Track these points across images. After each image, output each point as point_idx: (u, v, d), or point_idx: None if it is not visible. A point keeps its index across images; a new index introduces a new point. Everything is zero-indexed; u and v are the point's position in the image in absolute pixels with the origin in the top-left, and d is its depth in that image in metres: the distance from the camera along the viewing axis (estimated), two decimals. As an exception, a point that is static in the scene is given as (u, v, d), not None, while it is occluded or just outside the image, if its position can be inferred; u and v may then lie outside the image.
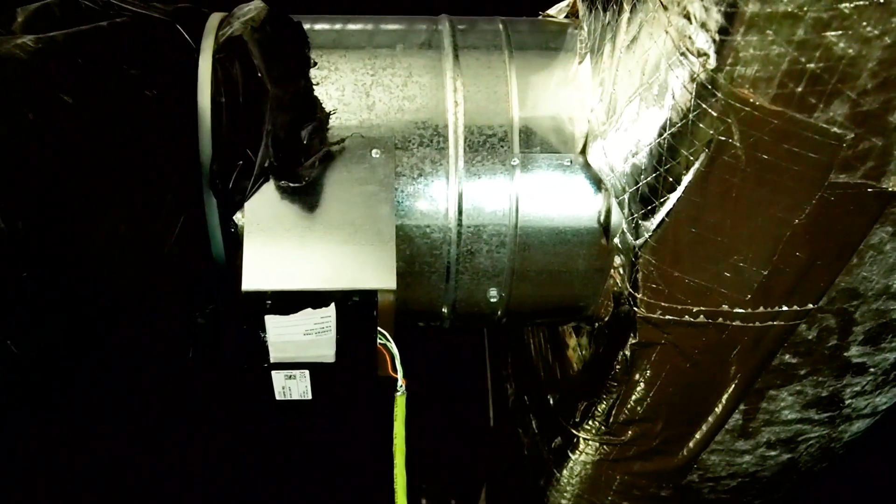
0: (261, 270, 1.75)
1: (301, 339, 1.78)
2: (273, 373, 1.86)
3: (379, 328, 1.82)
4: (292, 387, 1.90)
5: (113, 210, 1.72)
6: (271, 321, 1.75)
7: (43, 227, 1.62)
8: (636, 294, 1.87)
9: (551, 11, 2.19)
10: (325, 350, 1.82)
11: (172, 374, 3.93)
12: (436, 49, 1.99)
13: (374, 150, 1.87)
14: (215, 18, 1.94)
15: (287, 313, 1.74)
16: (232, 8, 1.98)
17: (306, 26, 1.99)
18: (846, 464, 2.67)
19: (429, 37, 2.03)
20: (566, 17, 2.15)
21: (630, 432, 2.22)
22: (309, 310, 1.74)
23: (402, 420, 1.88)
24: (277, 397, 1.92)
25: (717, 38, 1.42)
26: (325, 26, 2.03)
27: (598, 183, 1.92)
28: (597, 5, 1.90)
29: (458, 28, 2.05)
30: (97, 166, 1.69)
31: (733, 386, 2.07)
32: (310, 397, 1.93)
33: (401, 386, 1.87)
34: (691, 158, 1.59)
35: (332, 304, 1.75)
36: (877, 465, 3.77)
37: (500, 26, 2.07)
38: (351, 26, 2.05)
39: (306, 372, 1.87)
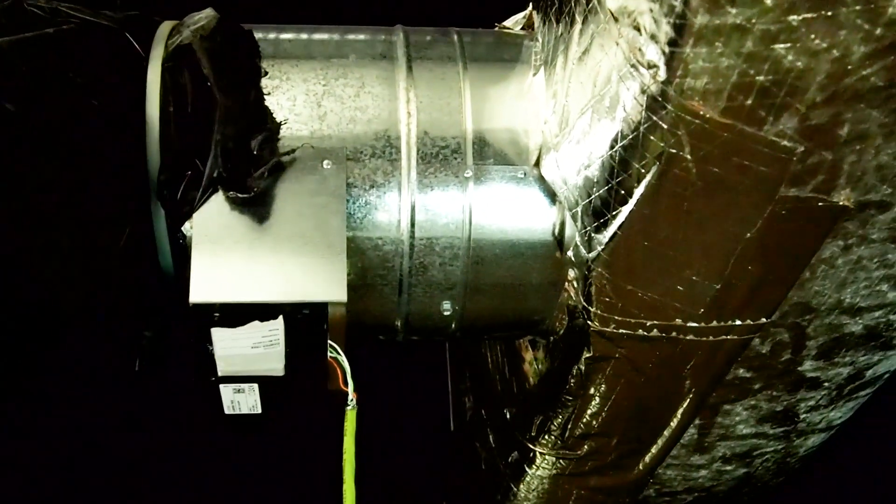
0: (209, 282, 1.72)
1: (249, 352, 1.75)
2: (221, 386, 1.83)
3: (329, 341, 1.79)
4: (241, 400, 1.87)
5: (57, 221, 1.69)
6: (218, 334, 1.71)
7: (-19, 238, 1.59)
8: (590, 308, 1.86)
9: (507, 23, 2.18)
10: (273, 363, 1.79)
11: (118, 387, 3.88)
12: (389, 60, 1.98)
13: (325, 161, 1.84)
14: (165, 27, 1.91)
15: (234, 326, 1.71)
16: (185, 15, 1.96)
17: (258, 35, 1.97)
18: (802, 477, 2.68)
19: (383, 47, 2.01)
20: (522, 29, 2.15)
21: (586, 447, 2.21)
22: (256, 322, 1.71)
23: (353, 435, 1.85)
24: (226, 411, 1.89)
25: (666, 49, 1.41)
26: (277, 35, 2.01)
27: (552, 195, 1.90)
28: (550, 17, 1.90)
29: (413, 39, 2.03)
30: (40, 176, 1.66)
31: (688, 400, 2.06)
32: (259, 411, 1.90)
33: (351, 400, 1.85)
34: (643, 171, 1.58)
35: (280, 317, 1.72)
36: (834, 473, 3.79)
37: (455, 38, 2.06)
38: (303, 36, 2.03)
39: (255, 385, 1.84)
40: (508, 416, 2.47)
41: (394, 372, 3.91)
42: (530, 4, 2.12)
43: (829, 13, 1.28)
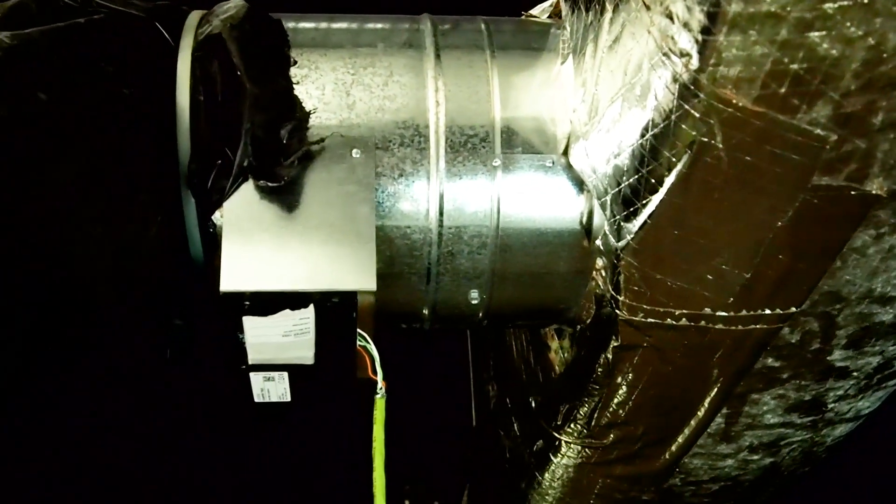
0: (239, 271, 1.73)
1: (279, 340, 1.76)
2: (251, 374, 1.84)
3: (359, 330, 1.80)
4: (271, 388, 1.88)
5: (88, 209, 1.70)
6: (249, 322, 1.73)
7: (15, 227, 1.59)
8: (618, 296, 1.85)
9: (534, 11, 2.18)
10: (303, 352, 1.80)
11: (149, 375, 3.90)
12: (417, 48, 1.98)
13: (354, 150, 1.85)
14: (194, 16, 1.92)
15: (265, 314, 1.72)
16: (213, 6, 1.96)
17: (287, 25, 1.97)
18: (827, 466, 2.66)
19: (410, 36, 2.01)
20: (549, 17, 2.14)
21: (612, 435, 2.21)
22: (287, 311, 1.72)
23: (382, 423, 1.86)
24: (256, 399, 1.90)
25: (699, 38, 1.41)
26: (306, 25, 2.01)
27: (580, 184, 1.90)
28: (579, 5, 1.89)
29: (440, 28, 2.03)
30: (72, 165, 1.67)
31: (715, 389, 2.06)
32: (289, 399, 1.91)
33: (381, 388, 1.85)
34: (673, 160, 1.58)
35: (311, 306, 1.73)
36: (858, 466, 3.77)
37: (483, 26, 2.06)
38: (332, 25, 2.03)
39: (285, 374, 1.85)
40: (533, 404, 2.47)
41: (416, 360, 3.92)
42: (557, -8, 2.12)
43: (866, 1, 1.27)
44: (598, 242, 1.88)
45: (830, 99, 1.39)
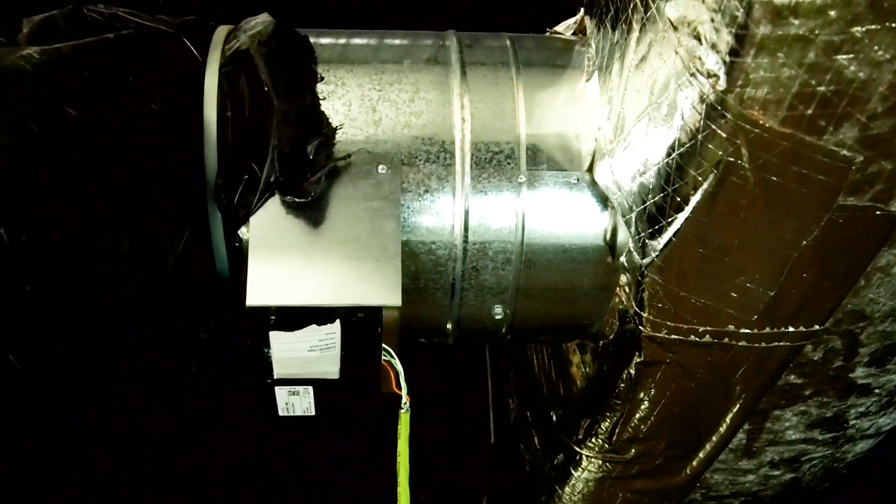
0: (265, 286, 1.74)
1: (305, 355, 1.77)
2: (276, 388, 1.85)
3: (384, 345, 1.81)
4: (296, 403, 1.89)
5: (116, 224, 1.71)
6: (275, 337, 1.73)
7: (46, 242, 1.61)
8: (642, 313, 1.86)
9: (558, 28, 2.19)
10: (329, 366, 1.81)
11: (176, 389, 3.91)
12: (443, 65, 1.99)
13: (380, 166, 1.86)
14: (222, 32, 1.93)
15: (291, 329, 1.73)
16: (240, 21, 1.98)
17: (313, 41, 1.99)
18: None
19: (436, 52, 2.02)
20: (573, 34, 2.15)
21: (633, 450, 2.21)
22: (314, 326, 1.73)
23: (407, 437, 1.87)
24: (280, 413, 1.91)
25: (727, 59, 1.41)
26: (332, 41, 2.03)
27: (604, 201, 1.91)
28: (605, 23, 1.90)
29: (466, 44, 2.04)
30: (101, 179, 1.68)
31: (738, 406, 2.06)
32: (313, 413, 1.92)
33: (405, 403, 1.86)
34: (700, 179, 1.58)
35: (337, 321, 1.74)
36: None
37: (508, 43, 2.07)
38: (358, 41, 2.04)
39: (310, 388, 1.86)
40: (555, 418, 2.48)
41: (435, 373, 3.92)
42: (581, 10, 2.12)
43: (894, 25, 1.28)
44: (623, 259, 1.89)
45: (857, 121, 1.40)
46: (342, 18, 2.21)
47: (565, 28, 2.17)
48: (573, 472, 2.39)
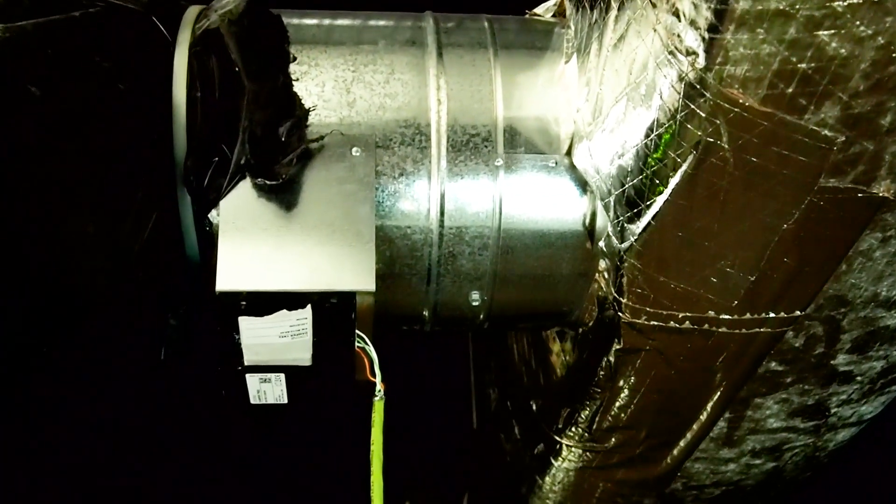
0: (236, 270, 1.70)
1: (276, 341, 1.74)
2: (247, 376, 1.82)
3: (357, 331, 1.77)
4: (267, 390, 1.85)
5: (81, 207, 1.67)
6: (244, 323, 1.70)
7: (6, 224, 1.57)
8: (621, 299, 1.83)
9: (538, 10, 2.15)
10: (301, 353, 1.78)
11: (144, 375, 3.88)
12: (419, 46, 1.95)
13: (354, 149, 1.82)
14: (192, 11, 1.89)
15: (262, 315, 1.70)
16: (211, 0, 1.94)
17: (287, 20, 1.94)
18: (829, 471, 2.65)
19: (412, 34, 1.98)
20: (553, 15, 2.12)
21: (613, 439, 2.19)
22: (284, 311, 1.70)
23: (380, 426, 1.83)
24: (252, 401, 1.87)
25: (706, 35, 1.38)
26: (306, 21, 1.99)
27: (583, 185, 1.88)
28: (584, 3, 1.87)
29: (443, 25, 2.01)
30: (65, 161, 1.64)
31: (718, 393, 2.04)
32: (285, 401, 1.89)
33: (379, 391, 1.83)
34: (679, 160, 1.55)
35: (309, 307, 1.70)
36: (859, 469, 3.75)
37: (486, 24, 2.03)
38: (333, 21, 2.00)
39: (282, 375, 1.83)
40: (535, 407, 2.45)
41: (416, 362, 3.90)
42: (561, -9, 2.09)
43: (876, -1, 1.25)
44: (602, 244, 1.86)
45: (839, 99, 1.37)
46: (318, 0, 2.17)
47: (545, 10, 2.14)
48: (553, 461, 2.36)
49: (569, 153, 1.88)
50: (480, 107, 1.90)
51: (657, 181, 1.62)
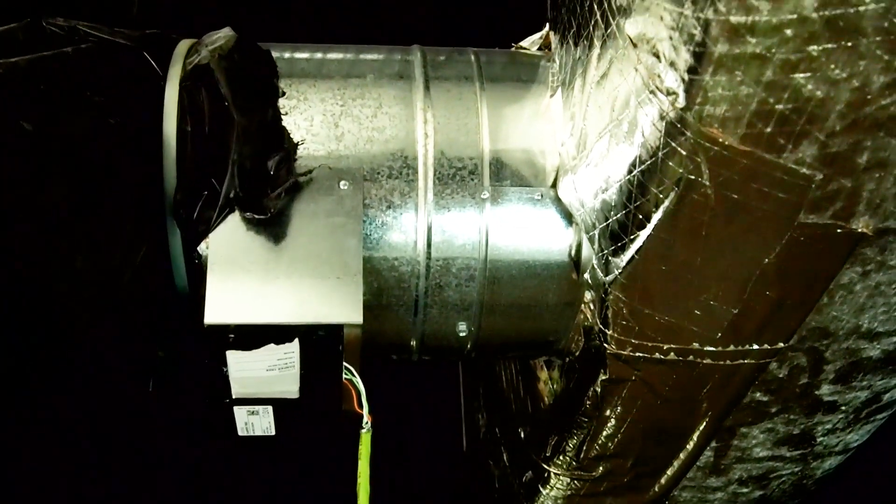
0: (224, 303, 1.72)
1: (264, 374, 1.75)
2: (235, 408, 1.83)
3: (345, 363, 1.79)
4: (255, 422, 1.86)
5: (71, 237, 1.69)
6: (232, 356, 1.71)
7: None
8: (606, 330, 1.85)
9: (524, 43, 2.18)
10: (288, 386, 1.79)
11: (132, 406, 3.87)
12: (407, 80, 1.97)
13: (342, 182, 1.84)
14: (183, 45, 1.91)
15: (250, 348, 1.71)
16: (202, 34, 1.96)
17: (279, 54, 1.97)
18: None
19: (400, 67, 2.01)
20: (539, 49, 2.14)
21: (601, 468, 2.19)
22: (272, 345, 1.71)
23: (367, 458, 1.85)
24: (240, 433, 1.88)
25: (686, 77, 1.40)
26: (298, 55, 2.01)
27: (569, 217, 1.90)
28: (568, 39, 1.89)
29: (430, 59, 2.03)
30: (56, 193, 1.66)
31: (704, 423, 2.05)
32: (273, 433, 1.89)
33: (366, 423, 1.84)
34: (661, 196, 1.57)
35: (296, 340, 1.71)
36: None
37: (472, 57, 2.05)
38: (321, 55, 2.02)
39: (270, 408, 1.84)
40: (523, 435, 2.46)
41: (406, 389, 3.89)
42: (547, 25, 2.11)
43: (850, 44, 1.27)
44: (587, 276, 1.88)
45: (816, 139, 1.39)
46: (308, 33, 2.19)
47: (531, 43, 2.17)
48: (542, 489, 2.37)
49: (554, 186, 1.90)
50: (467, 139, 1.92)
51: (640, 216, 1.64)
